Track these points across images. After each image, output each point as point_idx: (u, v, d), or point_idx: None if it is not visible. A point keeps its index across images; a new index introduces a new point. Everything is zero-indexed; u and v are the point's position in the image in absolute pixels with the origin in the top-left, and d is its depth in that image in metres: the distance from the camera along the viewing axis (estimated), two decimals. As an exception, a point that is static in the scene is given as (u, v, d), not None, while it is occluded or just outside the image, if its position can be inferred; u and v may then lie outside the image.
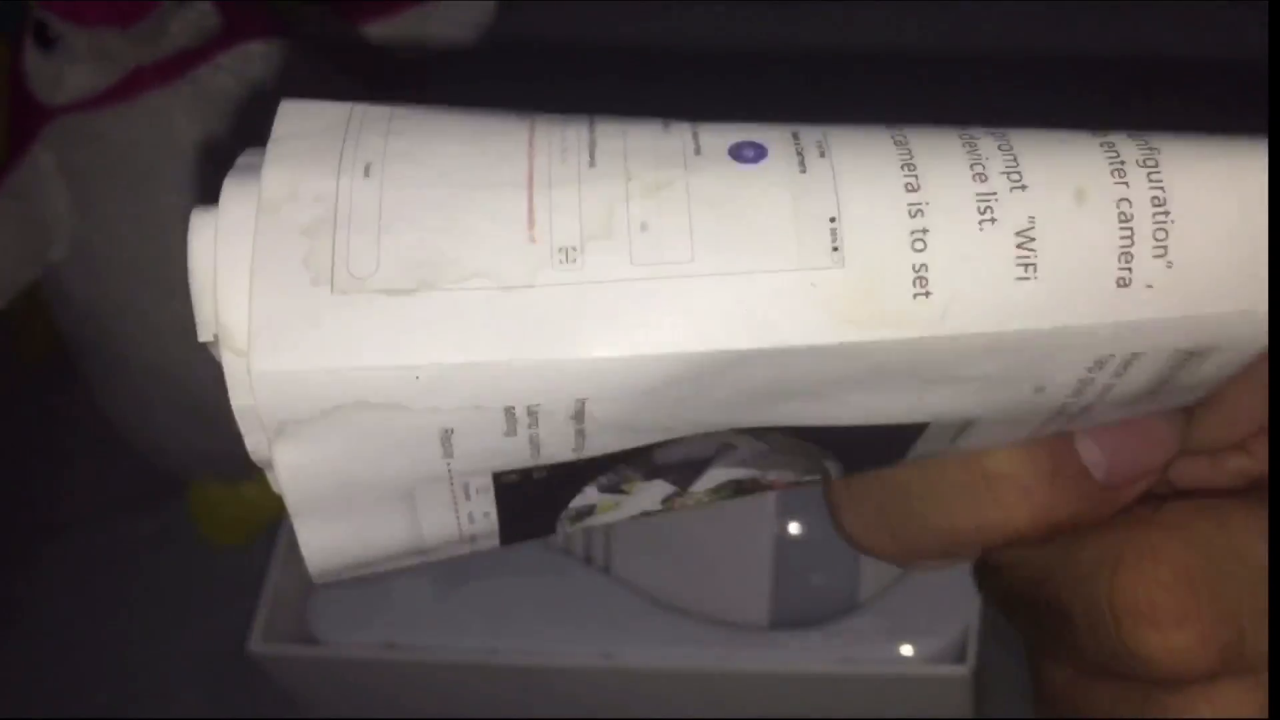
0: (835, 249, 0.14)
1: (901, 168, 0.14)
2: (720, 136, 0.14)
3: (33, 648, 0.47)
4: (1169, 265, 0.14)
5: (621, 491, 0.16)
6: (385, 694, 0.38)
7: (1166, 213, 0.14)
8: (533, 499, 0.16)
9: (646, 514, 0.17)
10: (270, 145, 0.14)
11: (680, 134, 0.14)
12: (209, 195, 0.14)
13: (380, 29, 0.45)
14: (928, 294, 0.14)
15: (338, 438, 0.13)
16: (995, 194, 0.14)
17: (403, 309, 0.13)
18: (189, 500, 0.48)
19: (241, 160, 0.14)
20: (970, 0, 0.56)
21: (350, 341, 0.13)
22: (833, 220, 0.14)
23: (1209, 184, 0.14)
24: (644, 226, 0.13)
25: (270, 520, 0.46)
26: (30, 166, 0.42)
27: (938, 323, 0.14)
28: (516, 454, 0.14)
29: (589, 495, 0.16)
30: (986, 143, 0.15)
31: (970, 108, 0.16)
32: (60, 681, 0.46)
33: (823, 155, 0.14)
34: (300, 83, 0.44)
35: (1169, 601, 0.16)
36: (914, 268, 0.14)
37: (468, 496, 0.15)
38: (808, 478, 0.17)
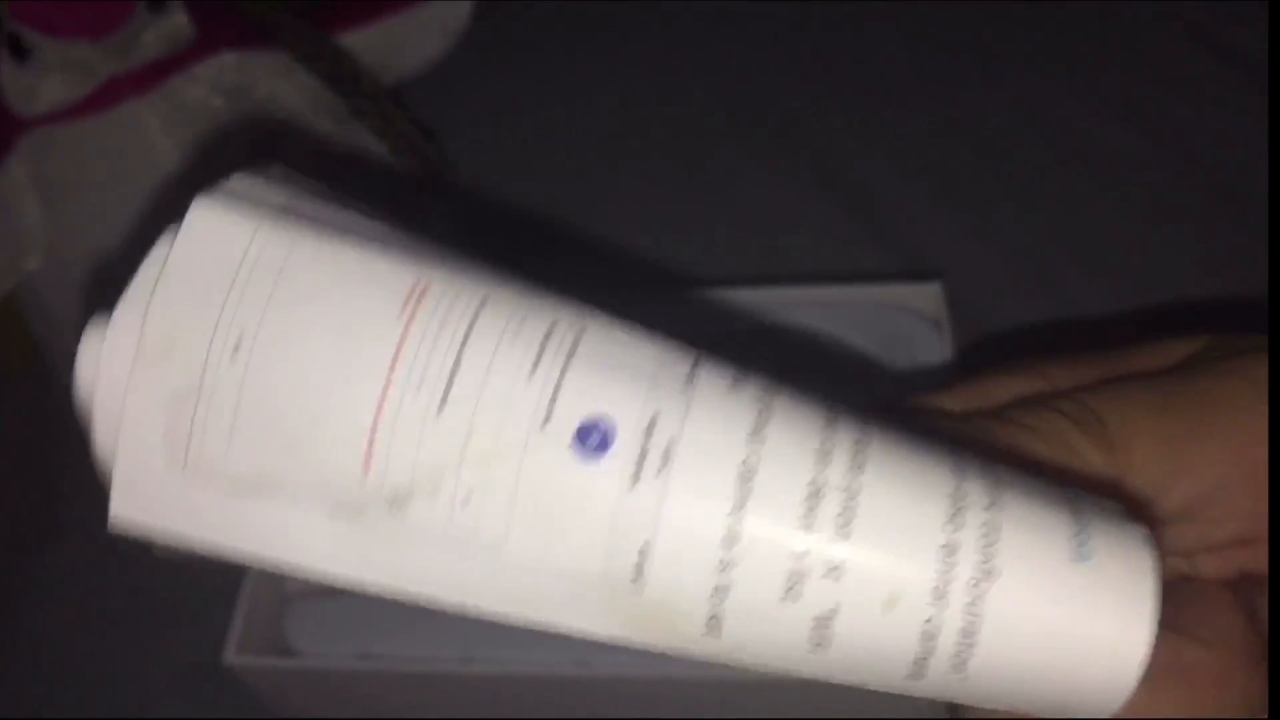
0: (636, 580, 0.14)
1: (729, 513, 0.14)
2: (574, 404, 0.14)
3: (13, 658, 0.47)
4: (964, 679, 0.14)
5: None
6: (361, 704, 0.38)
7: (972, 645, 0.14)
8: None
9: None
10: (162, 280, 0.14)
11: (541, 385, 0.14)
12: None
13: (356, 38, 0.45)
14: (719, 636, 0.14)
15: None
16: (806, 576, 0.14)
17: (239, 506, 0.14)
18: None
19: (149, 262, 0.15)
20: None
21: (193, 519, 0.14)
22: (642, 552, 0.14)
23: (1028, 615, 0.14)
24: (468, 499, 0.14)
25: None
26: (6, 177, 0.42)
27: (724, 654, 0.15)
28: None
29: None
30: (828, 505, 0.14)
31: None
32: (41, 692, 0.46)
33: (663, 466, 0.14)
34: (274, 92, 0.44)
35: None
36: (707, 620, 0.14)
37: None
38: None
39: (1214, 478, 0.18)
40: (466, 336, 0.14)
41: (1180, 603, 0.18)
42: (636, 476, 0.14)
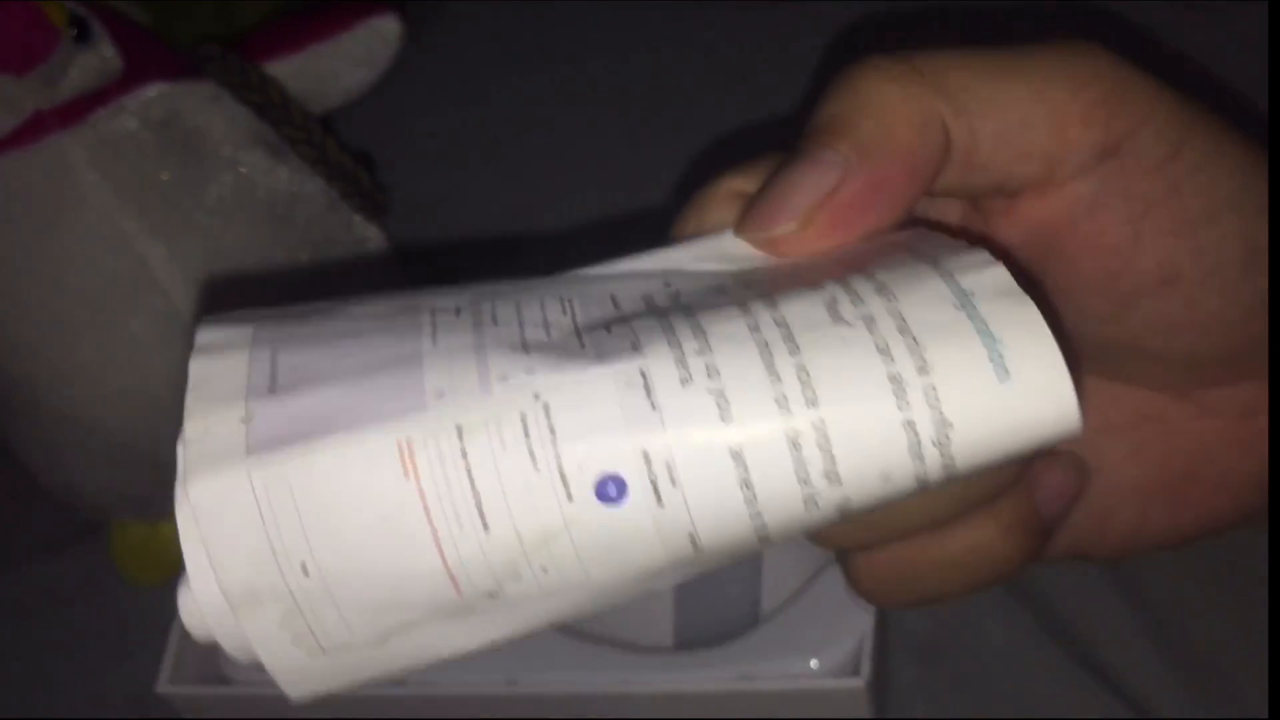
0: (696, 549, 0.17)
1: (738, 474, 0.17)
2: (581, 473, 0.17)
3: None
4: (951, 476, 0.18)
5: None
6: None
7: (950, 451, 0.17)
8: None
9: None
10: (210, 551, 0.17)
11: (548, 471, 0.17)
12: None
13: (283, 66, 0.45)
14: (767, 538, 0.18)
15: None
16: (807, 460, 0.17)
17: (382, 650, 0.17)
18: (108, 541, 0.48)
19: (184, 534, 0.17)
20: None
21: (352, 673, 0.18)
22: (691, 536, 0.17)
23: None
24: (545, 570, 0.17)
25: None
26: (-68, 213, 0.42)
27: (774, 542, 0.18)
28: None
29: None
30: (792, 395, 0.17)
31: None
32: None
33: (673, 481, 0.17)
34: (205, 123, 0.44)
35: None
36: (758, 535, 0.17)
37: None
38: None
39: (1018, 116, 0.20)
40: (466, 466, 0.17)
41: None
42: (659, 499, 0.17)
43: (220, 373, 0.17)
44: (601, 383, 0.17)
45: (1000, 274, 0.18)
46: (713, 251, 0.20)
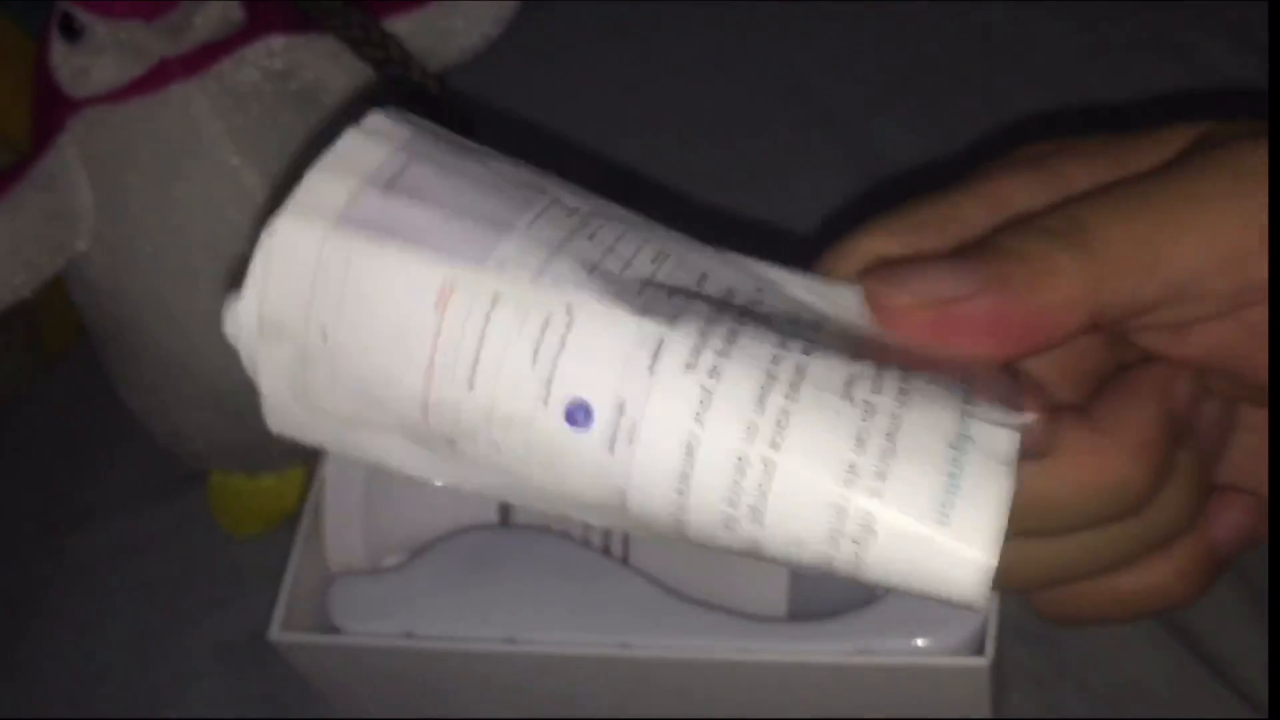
0: (622, 506, 0.19)
1: (681, 465, 0.18)
2: (564, 388, 0.19)
3: (55, 636, 0.47)
4: (858, 569, 0.18)
5: None
6: (404, 682, 0.38)
7: (863, 553, 0.18)
8: None
9: None
10: (266, 279, 0.19)
11: (541, 371, 0.19)
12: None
13: (404, 22, 0.45)
14: (686, 533, 0.19)
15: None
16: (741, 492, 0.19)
17: (348, 431, 0.20)
18: (208, 490, 0.49)
19: (259, 252, 0.20)
20: None
21: (318, 434, 0.20)
22: (621, 491, 0.19)
23: None
24: (497, 448, 0.19)
25: (287, 511, 0.46)
26: (57, 157, 0.42)
27: (685, 539, 0.19)
28: None
29: None
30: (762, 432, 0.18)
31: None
32: (82, 669, 0.46)
33: (630, 439, 0.18)
34: (323, 77, 0.44)
35: None
36: (676, 525, 0.19)
37: None
38: None
39: (1187, 271, 0.19)
40: (483, 329, 0.19)
41: (1101, 390, 0.20)
42: (611, 445, 0.18)
43: (359, 153, 0.20)
44: (623, 328, 0.18)
45: (1011, 439, 0.18)
46: (823, 291, 0.21)
